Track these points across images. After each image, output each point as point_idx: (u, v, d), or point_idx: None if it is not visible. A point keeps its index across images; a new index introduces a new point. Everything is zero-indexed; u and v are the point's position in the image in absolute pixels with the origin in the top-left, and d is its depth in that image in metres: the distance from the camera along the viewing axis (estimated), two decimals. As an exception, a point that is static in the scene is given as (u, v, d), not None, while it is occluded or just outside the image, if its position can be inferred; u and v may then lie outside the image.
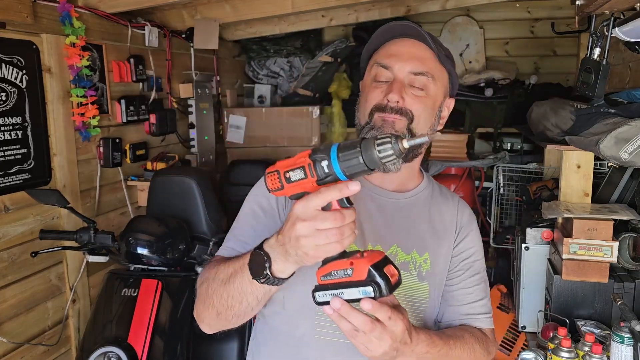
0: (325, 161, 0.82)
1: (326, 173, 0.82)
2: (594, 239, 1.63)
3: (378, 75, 1.17)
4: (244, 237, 1.17)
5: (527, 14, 3.92)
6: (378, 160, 0.79)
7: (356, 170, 0.81)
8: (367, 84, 1.21)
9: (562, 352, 1.46)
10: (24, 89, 2.07)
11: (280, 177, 0.87)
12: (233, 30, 3.66)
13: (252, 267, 0.94)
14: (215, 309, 1.04)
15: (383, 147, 0.79)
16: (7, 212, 2.02)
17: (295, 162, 0.85)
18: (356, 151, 0.80)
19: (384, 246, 1.17)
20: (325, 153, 0.82)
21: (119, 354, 1.83)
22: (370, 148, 0.79)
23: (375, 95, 1.16)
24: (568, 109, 1.93)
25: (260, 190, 1.21)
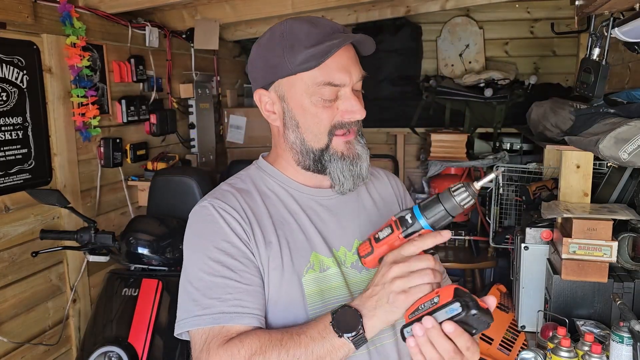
0: (408, 214, 0.92)
1: (411, 224, 0.92)
2: (594, 239, 1.64)
3: (327, 94, 1.04)
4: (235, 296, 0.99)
5: (527, 14, 3.93)
6: (459, 206, 0.90)
7: (440, 220, 0.91)
8: (309, 104, 1.05)
9: (561, 351, 1.46)
10: (24, 89, 2.07)
11: (371, 241, 0.96)
12: (233, 31, 3.67)
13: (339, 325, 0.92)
14: None
15: (460, 196, 0.90)
16: (7, 212, 2.03)
17: (382, 225, 0.96)
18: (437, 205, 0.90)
19: (347, 244, 1.13)
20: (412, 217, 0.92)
21: (119, 354, 1.84)
22: (449, 199, 0.90)
23: (330, 115, 1.05)
24: (567, 109, 1.93)
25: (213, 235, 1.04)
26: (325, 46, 1.01)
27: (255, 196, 1.11)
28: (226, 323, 0.97)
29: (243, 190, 1.11)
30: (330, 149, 1.08)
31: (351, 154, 1.09)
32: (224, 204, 1.06)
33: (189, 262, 1.06)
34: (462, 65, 4.01)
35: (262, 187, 1.13)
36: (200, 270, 1.02)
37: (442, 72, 4.05)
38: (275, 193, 1.13)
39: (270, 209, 1.10)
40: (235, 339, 0.95)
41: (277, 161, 1.16)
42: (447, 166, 3.28)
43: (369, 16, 3.52)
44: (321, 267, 1.08)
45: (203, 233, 1.05)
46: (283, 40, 1.04)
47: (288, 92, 1.07)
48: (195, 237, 1.07)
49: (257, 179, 1.15)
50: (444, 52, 4.06)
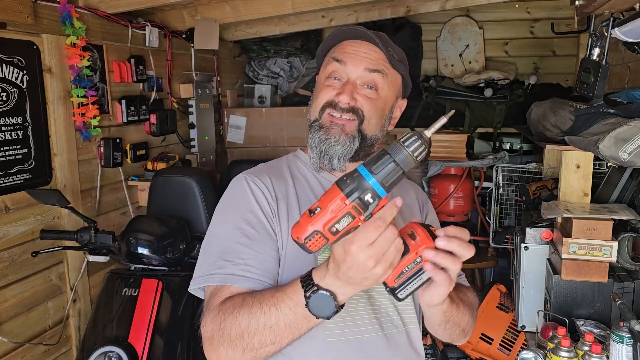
0: (368, 193, 0.82)
1: (371, 203, 0.82)
2: (594, 239, 1.64)
3: (333, 72, 1.18)
4: (246, 261, 1.08)
5: (527, 15, 3.93)
6: (412, 157, 0.82)
7: (394, 178, 0.82)
8: (321, 80, 1.22)
9: (561, 351, 1.46)
10: (24, 89, 2.07)
11: (324, 235, 0.84)
12: (233, 31, 3.67)
13: (314, 308, 0.92)
14: (254, 351, 0.99)
15: (413, 146, 0.82)
16: (7, 212, 2.03)
17: (334, 214, 0.83)
18: (387, 158, 0.82)
19: None
20: (359, 181, 0.82)
21: (119, 354, 1.84)
22: (400, 151, 0.82)
23: (327, 93, 1.18)
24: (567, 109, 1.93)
25: (240, 205, 1.15)
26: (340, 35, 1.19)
27: (287, 177, 1.22)
28: (233, 284, 1.06)
29: (276, 171, 1.24)
30: (317, 122, 1.19)
31: (330, 132, 1.17)
32: (257, 179, 1.19)
33: (215, 227, 1.17)
34: (462, 65, 4.01)
35: (294, 171, 1.26)
36: (222, 235, 1.13)
37: (442, 72, 4.05)
38: (305, 177, 1.24)
39: (299, 191, 1.20)
40: (227, 299, 1.03)
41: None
42: (447, 166, 3.27)
43: (369, 16, 3.51)
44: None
45: (232, 202, 1.18)
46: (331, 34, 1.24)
47: (319, 74, 1.25)
48: (224, 205, 1.20)
49: (291, 163, 1.29)
50: (444, 52, 4.06)
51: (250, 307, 0.98)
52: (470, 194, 3.34)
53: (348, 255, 0.85)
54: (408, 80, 1.27)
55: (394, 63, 1.21)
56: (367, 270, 0.85)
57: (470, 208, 3.35)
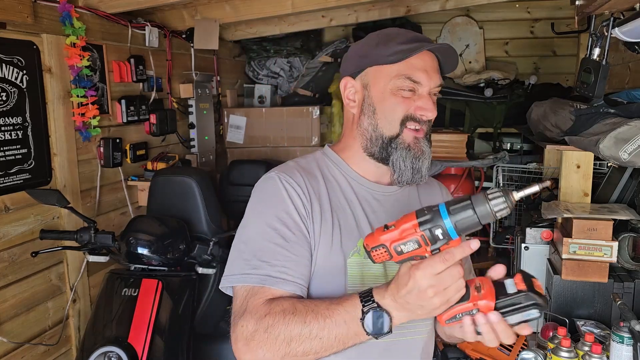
0: (439, 230, 0.85)
1: (441, 239, 0.85)
2: (594, 239, 1.63)
3: (405, 87, 1.15)
4: (283, 263, 1.08)
5: (527, 14, 3.93)
6: (492, 213, 0.83)
7: (468, 225, 0.84)
8: (388, 94, 1.16)
9: (561, 351, 1.46)
10: (24, 89, 2.07)
11: (389, 250, 0.89)
12: (233, 31, 3.67)
13: (369, 325, 0.94)
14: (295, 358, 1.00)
15: (496, 202, 0.83)
16: (7, 212, 2.02)
17: (403, 235, 0.87)
18: (467, 205, 0.84)
19: None
20: (435, 216, 0.85)
21: (119, 354, 1.84)
22: (483, 202, 0.83)
23: (405, 106, 1.15)
24: (568, 109, 1.93)
25: (276, 205, 1.13)
26: (415, 45, 1.14)
27: (319, 177, 1.20)
28: (270, 286, 1.06)
29: (308, 170, 1.21)
30: (399, 138, 1.17)
31: (417, 148, 1.17)
32: (290, 178, 1.16)
33: (248, 225, 1.15)
34: (462, 65, 4.00)
35: (325, 172, 1.22)
36: (256, 234, 1.11)
37: (442, 72, 4.05)
38: (336, 180, 1.21)
39: (330, 192, 1.19)
40: (272, 302, 1.03)
41: (344, 150, 1.25)
42: (447, 166, 3.27)
43: (369, 16, 3.52)
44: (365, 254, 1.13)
45: (266, 201, 1.15)
46: (378, 37, 1.19)
47: (373, 80, 1.18)
48: (258, 204, 1.16)
49: (321, 163, 1.24)
50: (444, 52, 4.06)
51: (304, 316, 0.99)
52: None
53: (411, 279, 0.88)
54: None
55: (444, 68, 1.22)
56: (424, 298, 0.89)
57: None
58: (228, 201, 3.10)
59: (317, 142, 3.70)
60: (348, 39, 4.08)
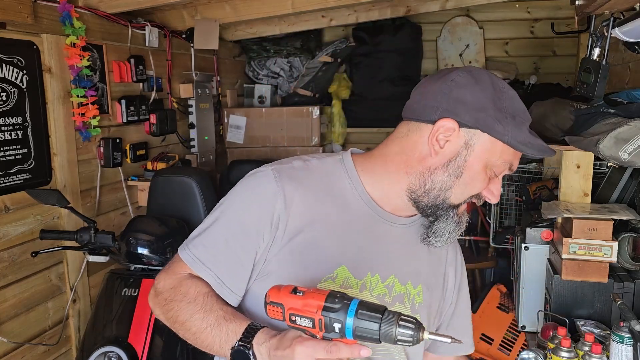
0: (338, 324, 0.82)
1: (335, 333, 0.82)
2: (594, 239, 1.63)
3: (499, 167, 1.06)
4: (219, 256, 1.06)
5: (527, 14, 3.93)
6: (394, 338, 0.80)
7: (366, 336, 0.81)
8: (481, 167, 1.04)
9: (561, 351, 1.46)
10: (24, 89, 2.07)
11: (284, 314, 0.85)
12: (233, 31, 3.67)
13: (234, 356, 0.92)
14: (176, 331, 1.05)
15: (404, 331, 0.80)
16: (7, 212, 2.02)
17: (303, 309, 0.84)
18: (376, 318, 0.80)
19: (383, 276, 1.10)
20: (341, 310, 0.82)
21: (119, 354, 1.84)
22: (391, 324, 0.80)
23: (481, 185, 1.07)
24: (568, 109, 1.93)
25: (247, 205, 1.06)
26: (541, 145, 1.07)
27: (319, 188, 1.08)
28: (195, 270, 1.07)
29: (311, 180, 1.08)
30: (457, 209, 1.09)
31: (462, 222, 1.11)
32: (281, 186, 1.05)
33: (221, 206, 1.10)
34: (462, 65, 4.00)
35: (333, 184, 1.09)
36: (218, 218, 1.09)
37: (442, 72, 4.05)
38: (344, 195, 1.09)
39: (327, 208, 1.07)
40: (186, 280, 1.06)
41: (371, 169, 1.11)
42: (447, 166, 3.27)
43: (369, 16, 3.52)
44: (344, 284, 1.06)
45: (247, 197, 1.08)
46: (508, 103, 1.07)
47: (480, 147, 1.03)
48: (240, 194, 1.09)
49: (333, 173, 1.10)
50: (444, 52, 4.06)
51: (196, 311, 1.01)
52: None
53: (290, 348, 0.85)
54: None
55: None
56: None
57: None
58: (228, 201, 3.09)
59: (317, 142, 3.70)
60: (348, 38, 4.08)
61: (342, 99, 4.05)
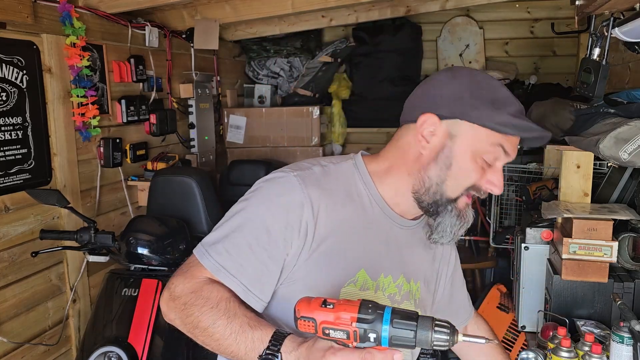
0: (374, 334, 0.82)
1: (371, 342, 0.82)
2: (594, 239, 1.63)
3: (489, 153, 1.06)
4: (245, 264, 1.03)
5: (527, 14, 3.93)
6: (430, 343, 0.81)
7: (402, 343, 0.81)
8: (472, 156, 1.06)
9: (561, 351, 1.46)
10: (24, 89, 2.07)
11: (317, 328, 0.85)
12: (233, 31, 3.67)
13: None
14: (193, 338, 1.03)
15: (439, 336, 0.81)
16: (7, 212, 2.03)
17: (336, 322, 0.83)
18: (412, 326, 0.81)
19: (394, 276, 1.15)
20: (376, 320, 0.82)
21: (119, 354, 1.84)
22: (427, 330, 0.80)
23: (479, 176, 1.07)
24: (568, 109, 1.93)
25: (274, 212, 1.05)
26: (527, 125, 1.05)
27: (340, 195, 1.09)
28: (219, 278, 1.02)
29: (331, 185, 1.09)
30: (455, 203, 1.09)
31: (465, 216, 1.11)
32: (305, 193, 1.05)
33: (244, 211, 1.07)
34: (462, 65, 4.00)
35: (350, 188, 1.11)
36: (241, 222, 1.06)
37: (442, 72, 4.05)
38: (361, 199, 1.11)
39: (349, 213, 1.09)
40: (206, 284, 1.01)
41: (380, 173, 1.13)
42: (447, 166, 3.27)
43: (369, 16, 3.52)
44: (363, 286, 1.09)
45: (271, 200, 1.06)
46: (487, 91, 1.06)
47: (463, 135, 1.05)
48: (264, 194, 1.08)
49: (349, 178, 1.13)
50: (444, 52, 4.06)
51: (219, 317, 0.98)
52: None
53: (323, 358, 0.85)
54: None
55: None
56: None
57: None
58: (228, 201, 3.08)
59: (317, 142, 3.70)
60: (348, 39, 4.08)
61: (342, 99, 4.05)
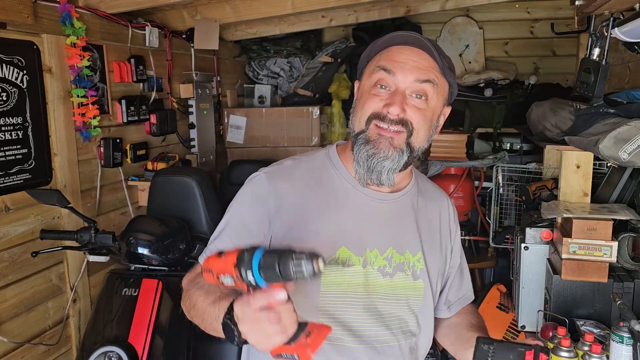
0: (249, 272, 0.88)
1: (251, 283, 0.88)
2: (594, 239, 1.64)
3: (379, 80, 1.12)
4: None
5: (527, 15, 3.92)
6: (293, 274, 0.85)
7: (272, 278, 0.86)
8: (366, 89, 1.16)
9: (561, 351, 1.46)
10: (24, 89, 2.07)
11: (214, 278, 0.92)
12: (233, 31, 3.67)
13: (225, 331, 0.95)
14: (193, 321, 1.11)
15: (298, 266, 0.85)
16: (7, 212, 2.03)
17: (225, 269, 0.90)
18: (274, 259, 0.86)
19: (381, 248, 1.19)
20: (249, 260, 0.88)
21: (119, 354, 1.84)
22: (287, 262, 0.85)
23: (374, 103, 1.12)
24: (567, 109, 1.93)
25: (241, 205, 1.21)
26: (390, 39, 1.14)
27: (309, 181, 1.20)
28: None
29: (299, 173, 1.21)
30: (364, 133, 1.14)
31: (375, 146, 1.12)
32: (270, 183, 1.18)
33: (227, 212, 1.23)
34: (462, 65, 4.00)
35: (321, 175, 1.21)
36: (224, 222, 1.22)
37: (442, 72, 4.05)
38: (332, 183, 1.20)
39: (319, 198, 1.18)
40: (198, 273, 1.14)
41: (345, 151, 1.23)
42: (447, 166, 3.27)
43: (369, 16, 3.52)
44: (346, 262, 1.15)
45: (240, 197, 1.22)
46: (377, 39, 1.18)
47: (361, 80, 1.19)
48: (238, 197, 1.23)
49: (321, 165, 1.23)
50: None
51: (200, 294, 1.07)
52: (470, 194, 3.34)
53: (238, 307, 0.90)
54: (454, 88, 1.21)
55: (445, 71, 1.15)
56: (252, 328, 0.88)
57: (470, 208, 3.35)
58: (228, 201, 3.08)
59: (317, 142, 3.70)
60: (348, 39, 4.08)
61: (342, 99, 4.05)
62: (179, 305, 2.02)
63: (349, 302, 1.16)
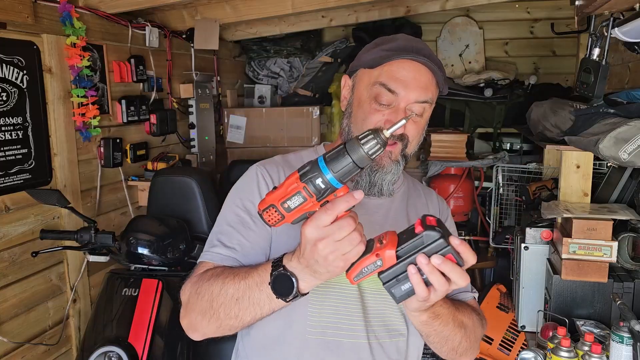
0: (319, 178, 0.85)
1: (323, 188, 0.85)
2: (594, 239, 1.64)
3: (380, 96, 1.13)
4: (236, 246, 1.16)
5: (527, 15, 3.93)
6: (367, 156, 0.83)
7: (347, 171, 0.84)
8: (364, 98, 1.17)
9: (561, 351, 1.47)
10: (24, 89, 2.07)
11: (279, 210, 0.88)
12: (233, 31, 3.67)
13: (276, 288, 0.95)
14: (219, 321, 1.05)
15: (369, 145, 0.83)
16: (7, 212, 2.03)
17: (288, 191, 0.87)
18: (343, 155, 0.84)
19: None
20: (314, 169, 0.85)
21: (119, 354, 1.84)
22: (356, 148, 0.83)
23: (376, 118, 1.14)
24: (567, 109, 1.93)
25: (244, 193, 1.22)
26: (393, 53, 1.13)
27: None
28: (217, 262, 1.15)
29: (291, 164, 1.27)
30: None
31: (380, 162, 1.16)
32: (265, 171, 1.24)
33: (222, 210, 1.24)
34: (462, 66, 4.01)
35: None
36: (222, 218, 1.22)
37: (442, 72, 4.05)
38: None
39: None
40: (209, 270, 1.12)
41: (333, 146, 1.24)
42: (447, 166, 3.28)
43: (369, 16, 3.52)
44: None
45: (239, 189, 1.25)
46: (376, 40, 1.20)
47: (358, 83, 1.20)
48: (233, 191, 1.26)
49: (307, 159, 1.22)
50: (443, 52, 4.06)
51: (225, 278, 1.04)
52: (470, 194, 3.34)
53: (302, 236, 0.88)
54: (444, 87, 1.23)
55: (440, 81, 1.18)
56: (318, 255, 0.87)
57: (470, 208, 3.35)
58: (228, 201, 3.10)
59: (317, 142, 3.70)
60: (348, 39, 4.09)
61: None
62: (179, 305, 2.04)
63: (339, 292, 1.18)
